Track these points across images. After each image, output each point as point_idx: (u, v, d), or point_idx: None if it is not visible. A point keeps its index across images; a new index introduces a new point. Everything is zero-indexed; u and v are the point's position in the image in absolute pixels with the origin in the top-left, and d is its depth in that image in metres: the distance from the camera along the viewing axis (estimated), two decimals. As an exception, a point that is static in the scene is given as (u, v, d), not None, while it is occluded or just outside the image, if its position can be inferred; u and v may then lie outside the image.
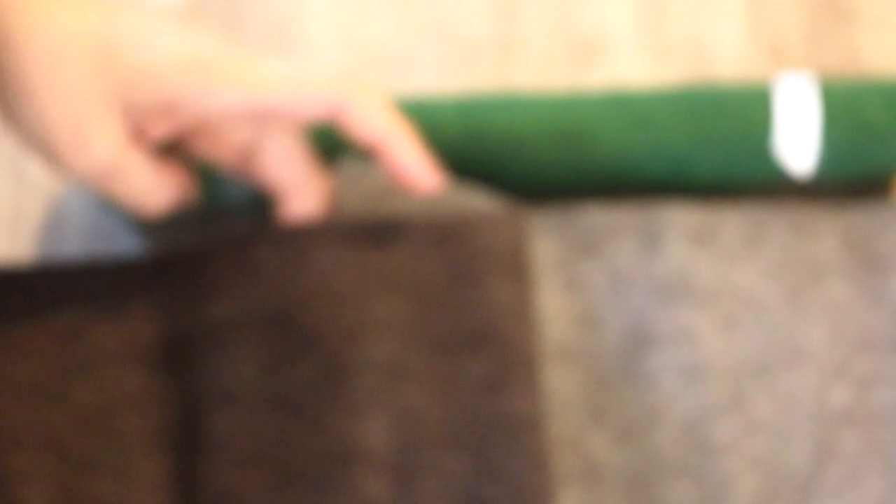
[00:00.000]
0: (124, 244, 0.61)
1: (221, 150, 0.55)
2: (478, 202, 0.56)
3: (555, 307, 0.58)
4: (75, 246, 0.61)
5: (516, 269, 0.54)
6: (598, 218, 0.59)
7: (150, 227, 0.60)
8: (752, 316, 0.58)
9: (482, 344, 0.53)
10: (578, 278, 0.58)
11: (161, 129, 0.53)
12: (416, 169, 0.55)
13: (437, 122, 0.59)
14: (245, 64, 0.52)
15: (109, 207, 0.60)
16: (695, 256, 0.58)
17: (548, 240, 0.59)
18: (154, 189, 0.53)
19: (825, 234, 0.60)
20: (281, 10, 0.66)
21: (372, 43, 0.66)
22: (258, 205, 0.59)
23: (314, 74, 0.53)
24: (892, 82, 0.61)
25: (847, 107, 0.60)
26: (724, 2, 0.67)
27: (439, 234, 0.55)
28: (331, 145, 0.59)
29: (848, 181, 0.62)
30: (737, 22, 0.66)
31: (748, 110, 0.60)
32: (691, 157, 0.60)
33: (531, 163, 0.60)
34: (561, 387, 0.57)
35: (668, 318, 0.58)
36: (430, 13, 0.67)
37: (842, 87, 0.60)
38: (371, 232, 0.55)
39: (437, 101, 0.60)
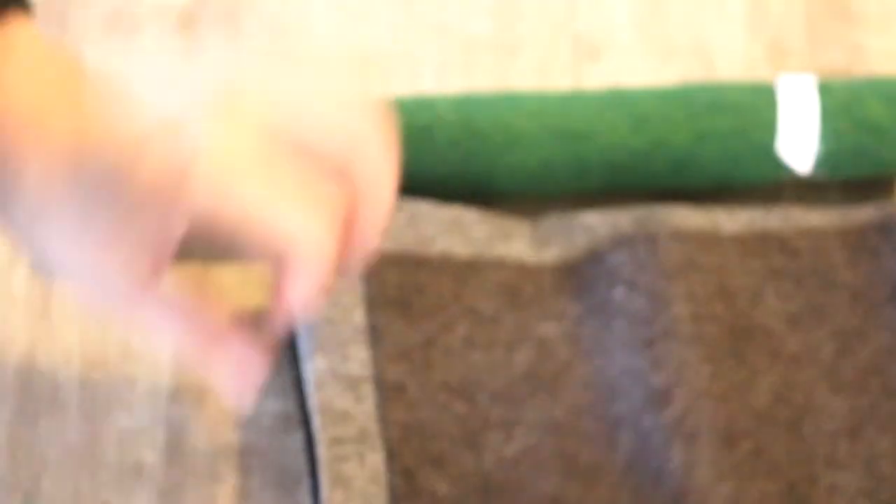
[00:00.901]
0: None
1: None
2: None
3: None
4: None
5: None
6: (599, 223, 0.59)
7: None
8: None
9: None
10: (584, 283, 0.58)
11: None
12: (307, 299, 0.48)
13: (437, 121, 0.59)
14: None
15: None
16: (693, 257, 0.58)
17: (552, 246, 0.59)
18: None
19: (826, 233, 0.60)
20: (281, 9, 0.66)
21: (373, 43, 0.66)
22: None
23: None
24: (893, 82, 0.61)
25: (848, 106, 0.60)
26: (724, 3, 0.67)
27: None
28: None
29: (848, 180, 0.62)
30: (738, 23, 0.66)
31: (749, 108, 0.60)
32: (692, 155, 0.60)
33: (532, 161, 0.60)
34: None
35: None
36: (431, 13, 0.67)
37: (842, 86, 0.61)
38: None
39: (437, 99, 0.60)
